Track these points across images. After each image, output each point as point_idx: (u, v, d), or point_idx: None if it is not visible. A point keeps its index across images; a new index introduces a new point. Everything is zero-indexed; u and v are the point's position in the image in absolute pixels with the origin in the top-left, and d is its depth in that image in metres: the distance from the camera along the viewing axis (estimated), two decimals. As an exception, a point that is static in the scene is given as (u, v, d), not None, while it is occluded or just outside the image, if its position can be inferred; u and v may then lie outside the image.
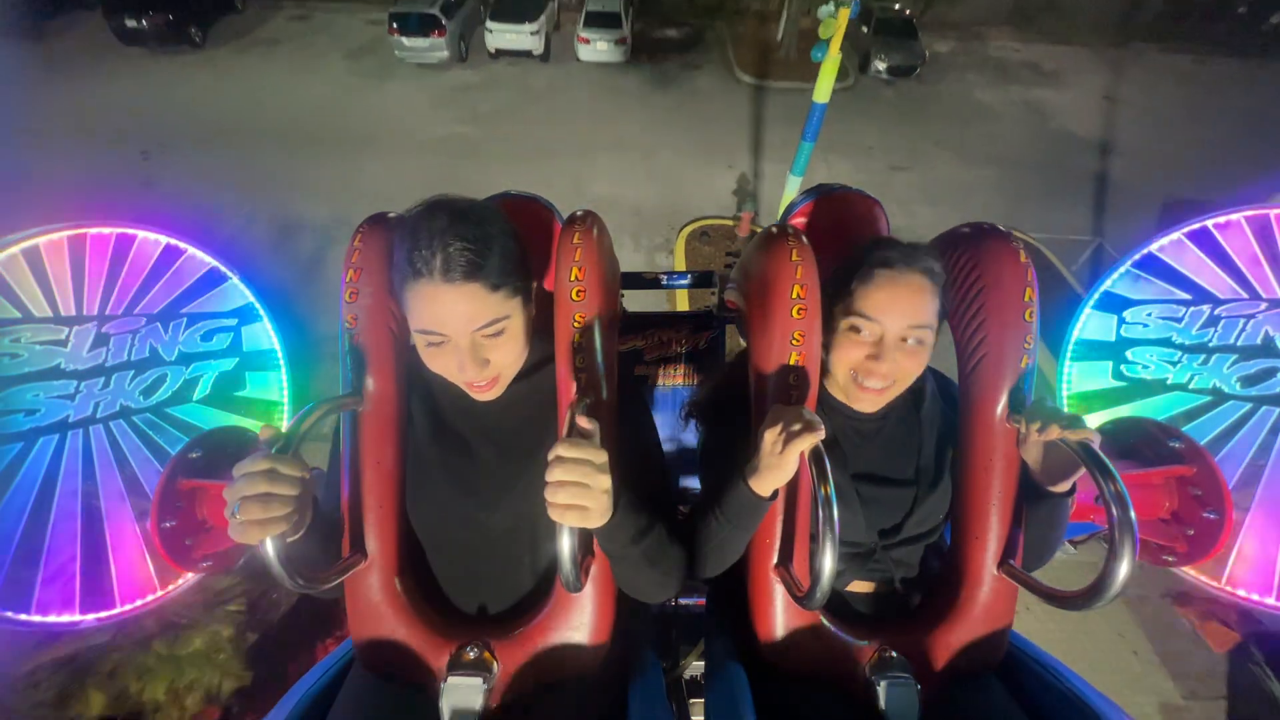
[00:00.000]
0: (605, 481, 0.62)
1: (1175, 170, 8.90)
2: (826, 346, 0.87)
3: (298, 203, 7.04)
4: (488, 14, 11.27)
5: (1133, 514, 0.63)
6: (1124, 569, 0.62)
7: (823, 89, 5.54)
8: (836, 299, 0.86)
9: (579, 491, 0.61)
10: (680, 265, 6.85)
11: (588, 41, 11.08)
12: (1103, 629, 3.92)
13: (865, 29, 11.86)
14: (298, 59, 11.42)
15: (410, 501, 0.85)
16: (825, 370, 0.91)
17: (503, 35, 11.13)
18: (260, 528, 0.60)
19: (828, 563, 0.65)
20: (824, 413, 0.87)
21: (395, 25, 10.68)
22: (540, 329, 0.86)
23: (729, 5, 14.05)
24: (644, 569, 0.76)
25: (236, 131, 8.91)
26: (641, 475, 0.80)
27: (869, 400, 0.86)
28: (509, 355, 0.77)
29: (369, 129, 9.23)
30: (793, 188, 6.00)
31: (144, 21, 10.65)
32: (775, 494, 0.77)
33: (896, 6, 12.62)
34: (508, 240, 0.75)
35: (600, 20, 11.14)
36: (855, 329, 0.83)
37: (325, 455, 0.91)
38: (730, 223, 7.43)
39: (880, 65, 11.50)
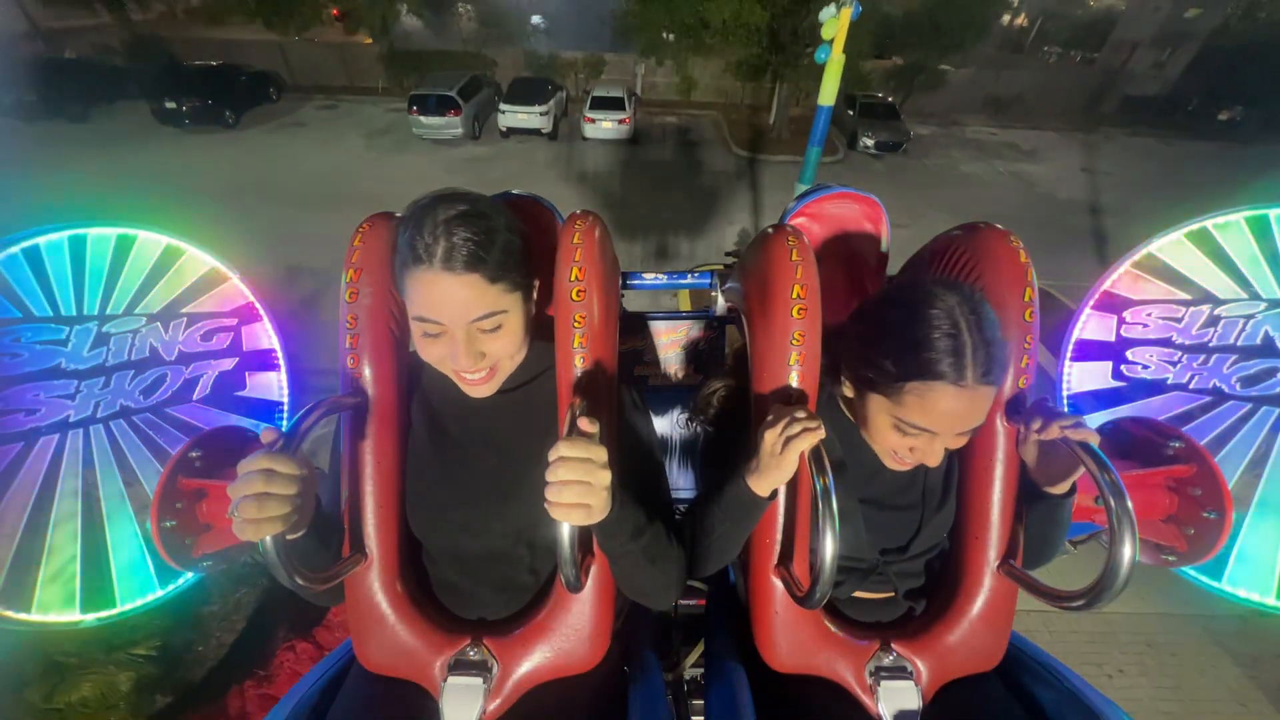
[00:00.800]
0: (606, 479, 0.62)
1: (1165, 226, 8.93)
2: (855, 396, 0.83)
3: (300, 250, 7.25)
4: (501, 98, 12.60)
5: (1129, 504, 0.63)
6: (1125, 564, 0.62)
7: (827, 91, 5.56)
8: (877, 386, 0.76)
9: (582, 490, 0.61)
10: (685, 306, 6.93)
11: (593, 121, 12.19)
12: (1222, 698, 3.37)
13: (851, 112, 12.84)
14: (320, 137, 12.60)
15: (410, 507, 0.85)
16: (837, 380, 0.90)
17: (514, 115, 12.33)
18: (256, 527, 0.60)
19: (828, 559, 0.65)
20: (834, 432, 0.86)
21: (415, 106, 11.73)
22: (539, 338, 0.86)
23: (723, 98, 16.19)
24: (644, 567, 0.75)
25: (251, 191, 9.48)
26: (640, 474, 0.80)
27: (905, 467, 0.84)
28: (506, 348, 0.77)
29: (381, 190, 9.81)
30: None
31: (182, 105, 11.91)
32: (775, 494, 0.77)
33: (880, 95, 13.86)
34: (512, 236, 0.75)
35: (605, 103, 12.31)
36: (901, 430, 0.76)
37: (326, 455, 0.91)
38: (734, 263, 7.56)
39: (869, 141, 12.40)
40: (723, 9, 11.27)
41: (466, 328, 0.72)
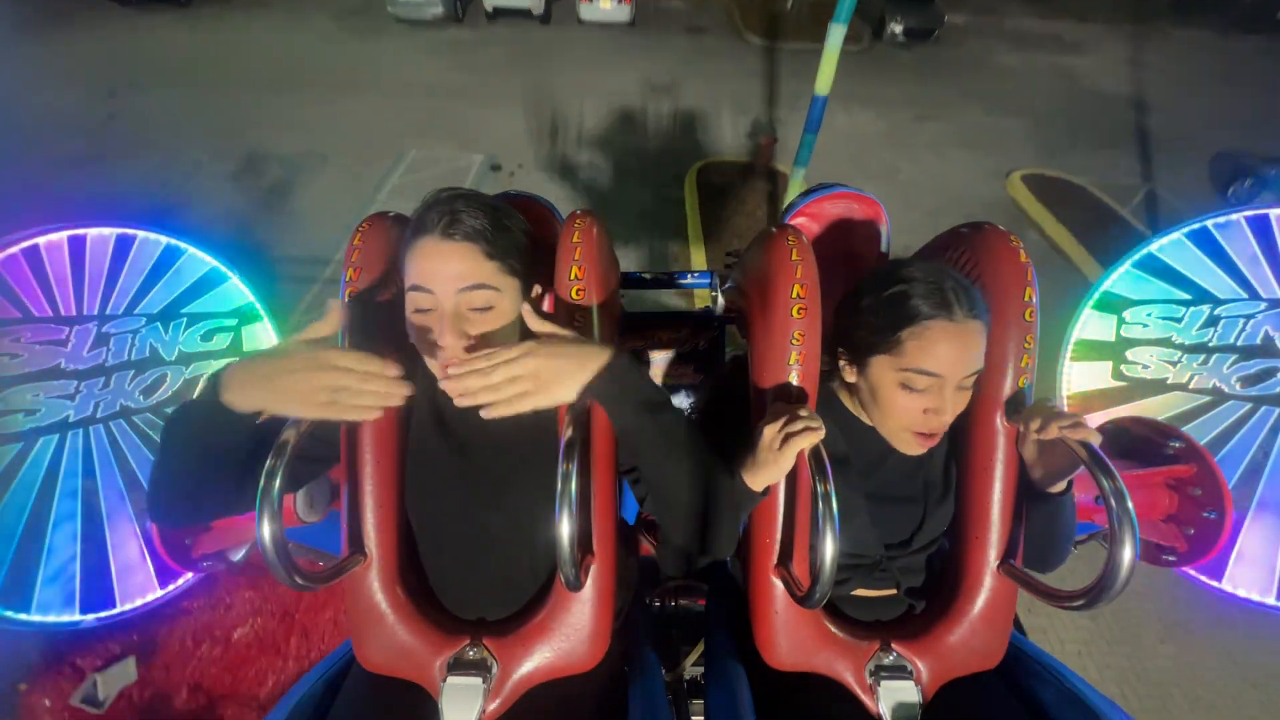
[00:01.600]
0: (528, 364, 0.65)
1: (1218, 124, 8.60)
2: (858, 373, 0.84)
3: (266, 137, 6.69)
4: (486, -28, 11.01)
5: (1130, 504, 0.63)
6: (1125, 564, 0.62)
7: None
8: (875, 347, 0.79)
9: (510, 385, 0.65)
10: (690, 199, 6.46)
11: (590, 0, 10.89)
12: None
13: None
14: (283, 16, 11.29)
15: (410, 501, 0.85)
16: (837, 379, 0.90)
17: (501, -9, 10.84)
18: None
19: (828, 559, 0.65)
20: (836, 427, 0.86)
21: None
22: None
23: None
24: (678, 458, 0.71)
25: (210, 74, 8.79)
26: None
27: (925, 446, 0.83)
28: (493, 342, 0.76)
29: (354, 75, 9.04)
30: (828, 64, 5.37)
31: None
32: (767, 490, 0.77)
33: (911, -25, 12.26)
34: (520, 234, 0.77)
35: None
36: (909, 386, 0.78)
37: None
38: (746, 160, 7.10)
39: (896, 28, 10.92)
40: None
41: (455, 300, 0.71)
